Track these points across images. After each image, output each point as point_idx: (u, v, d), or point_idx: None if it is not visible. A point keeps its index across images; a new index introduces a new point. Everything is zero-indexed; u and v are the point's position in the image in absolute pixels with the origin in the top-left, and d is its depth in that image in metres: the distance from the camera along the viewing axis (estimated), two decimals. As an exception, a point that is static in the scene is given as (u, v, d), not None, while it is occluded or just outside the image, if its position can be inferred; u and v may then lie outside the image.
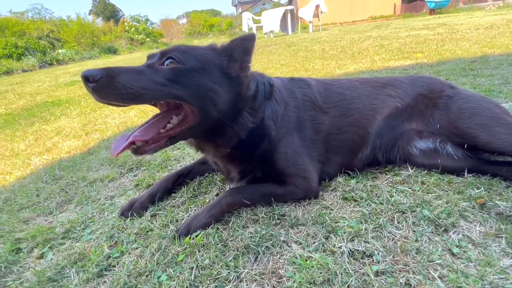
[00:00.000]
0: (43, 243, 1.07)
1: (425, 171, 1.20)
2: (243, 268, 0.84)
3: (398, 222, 0.94)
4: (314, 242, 0.91)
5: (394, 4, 23.61)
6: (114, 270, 0.90)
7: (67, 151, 2.04)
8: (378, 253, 0.83)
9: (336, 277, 0.77)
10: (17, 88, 6.07)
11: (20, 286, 0.89)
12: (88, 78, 0.73)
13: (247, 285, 0.79)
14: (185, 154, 1.70)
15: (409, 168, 1.23)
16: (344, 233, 0.92)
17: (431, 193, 1.06)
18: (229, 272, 0.82)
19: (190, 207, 1.18)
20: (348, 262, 0.81)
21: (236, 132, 1.00)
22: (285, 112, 1.13)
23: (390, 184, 1.16)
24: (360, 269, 0.79)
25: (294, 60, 5.10)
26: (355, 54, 4.81)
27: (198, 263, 0.87)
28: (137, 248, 0.98)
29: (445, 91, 1.23)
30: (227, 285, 0.79)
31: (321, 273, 0.79)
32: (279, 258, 0.88)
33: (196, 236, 0.98)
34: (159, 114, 0.95)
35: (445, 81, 1.34)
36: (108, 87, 0.75)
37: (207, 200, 1.22)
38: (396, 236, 0.89)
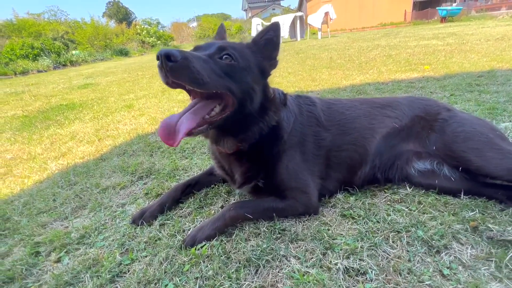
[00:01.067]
0: (60, 248, 1.15)
1: (423, 191, 1.24)
2: (244, 280, 0.90)
3: (393, 242, 0.99)
4: (312, 258, 0.97)
5: (404, 11, 23.50)
6: (125, 276, 0.97)
7: (81, 157, 2.14)
8: (372, 272, 0.88)
9: (330, 293, 0.82)
10: (32, 89, 6.30)
11: (40, 288, 0.97)
12: (169, 57, 0.77)
13: (247, 297, 0.85)
14: (193, 164, 1.78)
15: (407, 187, 1.27)
16: (341, 250, 0.97)
17: (427, 214, 1.10)
18: (231, 284, 0.88)
19: (196, 218, 1.25)
20: (342, 279, 0.86)
21: (260, 128, 1.08)
22: (294, 124, 1.20)
23: (388, 203, 1.21)
24: (353, 286, 0.84)
25: (301, 68, 5.17)
26: (362, 64, 4.84)
27: (202, 274, 0.93)
28: (146, 256, 1.05)
29: (441, 114, 1.28)
30: (229, 296, 0.85)
31: (316, 288, 0.84)
32: (278, 272, 0.93)
33: (201, 247, 1.04)
34: (198, 101, 0.99)
35: (441, 103, 1.39)
36: (185, 69, 0.80)
37: (212, 211, 1.29)
38: (390, 255, 0.94)
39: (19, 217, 1.40)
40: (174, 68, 0.79)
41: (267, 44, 1.05)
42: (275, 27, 1.04)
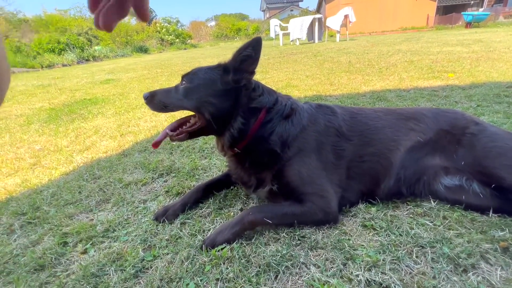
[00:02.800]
0: (86, 240, 1.20)
1: (448, 206, 1.21)
2: (264, 286, 0.91)
3: (416, 257, 0.97)
4: (332, 267, 0.96)
5: (427, 15, 22.80)
6: (148, 272, 1.00)
7: (104, 151, 2.22)
8: (395, 286, 0.86)
9: (352, 305, 0.81)
10: (58, 83, 6.58)
11: (68, 278, 1.01)
12: (144, 97, 1.23)
13: (267, 302, 0.86)
14: (212, 165, 1.81)
15: (431, 201, 1.24)
16: (362, 261, 0.96)
17: (453, 230, 1.07)
18: (251, 288, 0.89)
19: (216, 219, 1.27)
20: (364, 292, 0.85)
21: (231, 133, 1.18)
22: (301, 134, 1.20)
23: (411, 216, 1.18)
24: (376, 300, 0.83)
25: (319, 71, 5.12)
26: (382, 70, 4.74)
27: (223, 276, 0.95)
28: (168, 254, 1.08)
29: (469, 128, 1.24)
30: (249, 300, 0.86)
31: (338, 299, 0.84)
32: (297, 279, 0.93)
33: (222, 249, 1.06)
34: (186, 116, 1.28)
35: (469, 116, 1.35)
36: (151, 102, 1.22)
37: (232, 213, 1.30)
38: (413, 271, 0.92)
39: (48, 207, 1.47)
40: (147, 103, 1.23)
41: (246, 60, 1.12)
42: (255, 44, 1.09)
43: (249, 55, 1.11)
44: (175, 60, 10.48)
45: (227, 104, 1.15)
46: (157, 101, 1.20)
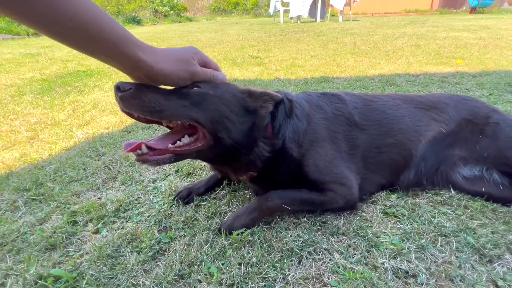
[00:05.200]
0: (97, 219, 1.15)
1: (469, 195, 1.19)
2: (288, 271, 0.89)
3: (441, 246, 0.96)
4: (356, 254, 0.95)
5: (432, -2, 22.09)
6: (166, 255, 0.97)
7: (106, 127, 2.12)
8: (422, 275, 0.85)
9: (381, 293, 0.80)
10: (48, 52, 6.20)
11: (82, 258, 0.97)
12: (119, 87, 0.79)
13: (294, 288, 0.84)
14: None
15: (451, 189, 1.22)
16: (386, 249, 0.95)
17: (476, 220, 1.06)
18: (276, 274, 0.87)
19: (232, 201, 1.23)
20: (392, 280, 0.84)
21: (252, 161, 1.03)
22: (309, 125, 1.12)
23: (431, 204, 1.17)
24: (403, 288, 0.82)
25: (324, 52, 4.96)
26: (389, 53, 4.62)
27: (245, 260, 0.92)
28: (185, 236, 1.04)
29: (492, 117, 1.21)
30: (275, 286, 0.85)
31: (365, 287, 0.82)
32: (321, 265, 0.92)
33: (242, 232, 1.03)
34: (174, 132, 0.99)
35: (489, 104, 1.31)
36: (134, 98, 0.79)
37: (247, 196, 1.27)
38: (438, 260, 0.91)
39: (52, 184, 1.40)
40: (123, 98, 0.79)
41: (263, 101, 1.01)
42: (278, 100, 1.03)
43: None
44: (171, 34, 9.98)
45: (247, 125, 0.98)
46: (147, 100, 0.79)
